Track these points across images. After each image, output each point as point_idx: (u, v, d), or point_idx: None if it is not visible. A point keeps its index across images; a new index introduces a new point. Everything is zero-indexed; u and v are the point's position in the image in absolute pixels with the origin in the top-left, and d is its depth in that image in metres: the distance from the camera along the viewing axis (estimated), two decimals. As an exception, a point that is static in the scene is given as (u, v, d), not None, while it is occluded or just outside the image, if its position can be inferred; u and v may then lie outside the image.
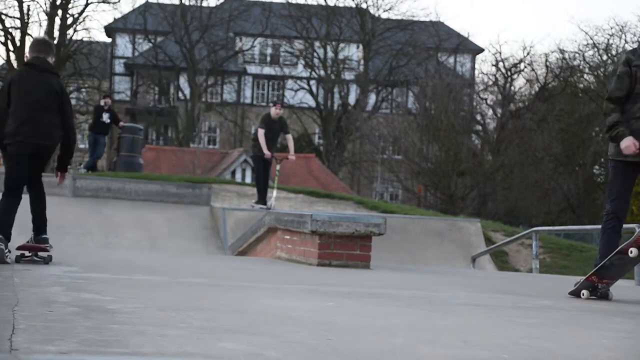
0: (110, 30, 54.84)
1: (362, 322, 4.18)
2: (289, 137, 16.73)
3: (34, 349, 2.78)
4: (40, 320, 3.48)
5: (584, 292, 6.46)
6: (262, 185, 16.79)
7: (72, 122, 7.42)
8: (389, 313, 4.79)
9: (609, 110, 6.52)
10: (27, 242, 7.39)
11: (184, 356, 2.86)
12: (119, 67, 55.39)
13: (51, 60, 7.36)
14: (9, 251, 7.09)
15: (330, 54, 51.39)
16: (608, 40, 43.31)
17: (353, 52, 53.42)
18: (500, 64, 45.11)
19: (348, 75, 52.42)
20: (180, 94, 52.59)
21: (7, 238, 7.12)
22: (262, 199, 16.73)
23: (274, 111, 16.00)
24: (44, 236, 7.35)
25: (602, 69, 43.40)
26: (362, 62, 52.51)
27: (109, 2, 43.36)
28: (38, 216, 7.40)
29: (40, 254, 7.24)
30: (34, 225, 7.40)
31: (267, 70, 55.24)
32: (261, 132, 15.94)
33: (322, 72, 51.80)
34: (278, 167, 16.91)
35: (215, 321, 3.85)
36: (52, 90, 7.19)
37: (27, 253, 7.24)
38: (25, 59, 7.51)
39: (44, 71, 7.24)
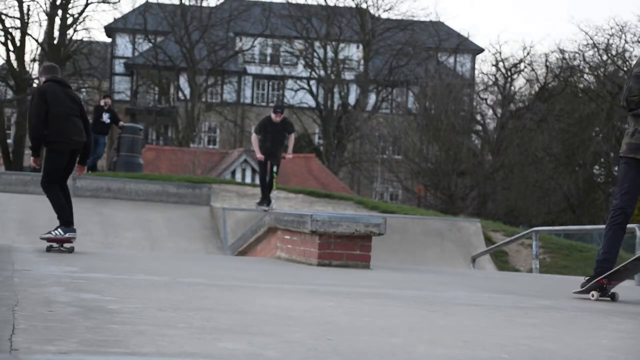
0: (110, 30, 54.85)
1: (362, 322, 4.18)
2: (291, 136, 16.52)
3: (34, 349, 2.77)
4: (40, 320, 3.48)
5: (594, 293, 6.42)
6: (265, 186, 16.83)
7: (89, 124, 9.36)
8: (389, 313, 4.78)
9: (635, 102, 6.51)
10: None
11: (184, 356, 2.86)
12: (119, 67, 55.41)
13: None
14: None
15: (330, 54, 51.40)
16: (608, 40, 43.33)
17: (353, 52, 53.43)
18: (500, 64, 45.15)
19: (348, 75, 52.43)
20: (180, 94, 52.60)
21: (71, 223, 9.04)
22: (265, 199, 16.79)
23: (274, 118, 15.97)
24: (73, 227, 9.06)
25: (602, 69, 43.42)
26: (362, 62, 52.52)
27: (109, 2, 43.36)
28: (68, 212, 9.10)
29: (65, 245, 8.93)
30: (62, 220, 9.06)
31: (267, 70, 55.25)
32: (254, 137, 16.08)
33: (322, 72, 51.81)
34: (275, 167, 16.91)
35: (215, 321, 3.85)
36: (75, 101, 9.23)
37: (54, 245, 8.88)
38: (44, 78, 9.25)
39: (66, 87, 9.33)
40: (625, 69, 43.09)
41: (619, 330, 4.71)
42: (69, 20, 42.40)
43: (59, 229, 8.95)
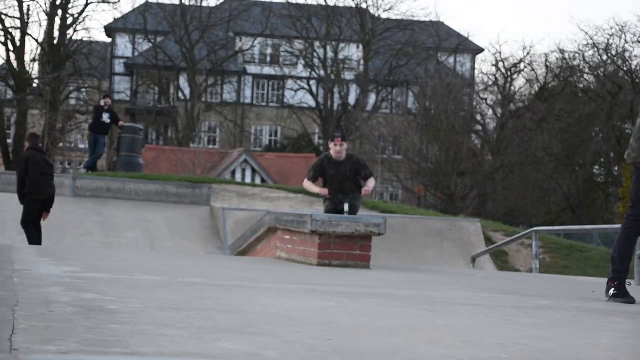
0: (110, 30, 54.86)
1: (362, 322, 4.18)
2: (370, 181, 11.04)
3: (34, 349, 2.77)
4: (40, 320, 3.48)
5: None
6: None
7: (53, 181, 13.36)
8: (389, 313, 4.78)
9: None
10: None
11: (184, 356, 2.86)
12: (119, 67, 55.41)
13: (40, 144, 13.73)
14: None
15: (330, 54, 51.40)
16: (608, 40, 43.34)
17: (353, 52, 53.43)
18: (500, 64, 45.14)
19: (348, 75, 52.42)
20: (180, 94, 52.60)
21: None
22: None
23: (334, 150, 10.81)
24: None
25: (602, 69, 43.42)
26: (362, 62, 52.52)
27: (109, 2, 43.34)
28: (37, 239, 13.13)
29: None
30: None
31: (267, 70, 55.25)
32: (306, 182, 11.20)
33: (322, 72, 51.81)
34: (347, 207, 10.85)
35: (215, 321, 3.85)
36: (49, 164, 13.33)
37: None
38: (28, 145, 13.21)
39: (43, 153, 13.40)
40: (625, 69, 43.11)
41: (619, 330, 4.71)
42: (69, 20, 42.40)
43: None
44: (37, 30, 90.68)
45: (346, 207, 10.59)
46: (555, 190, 39.82)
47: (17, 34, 40.96)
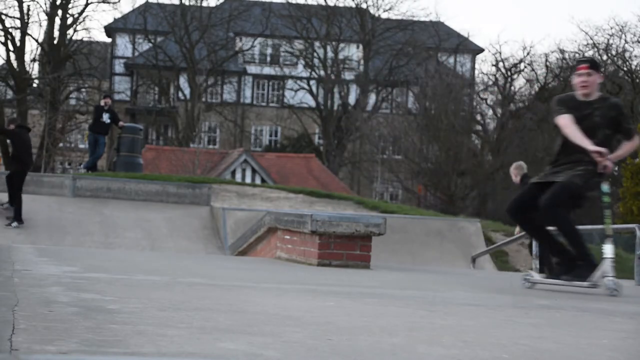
0: (110, 30, 54.87)
1: (362, 322, 4.18)
2: (629, 144, 7.21)
3: (34, 349, 2.77)
4: (40, 320, 3.48)
5: None
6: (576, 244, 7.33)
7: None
8: (389, 313, 4.78)
9: None
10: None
11: (184, 356, 2.86)
12: (119, 67, 55.41)
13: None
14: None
15: (330, 54, 51.41)
16: (608, 40, 43.38)
17: (353, 52, 53.44)
18: (500, 64, 45.18)
19: (348, 75, 52.42)
20: (180, 94, 52.60)
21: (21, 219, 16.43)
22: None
23: (577, 81, 7.09)
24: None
25: (602, 69, 43.39)
26: (362, 62, 52.52)
27: (109, 2, 43.36)
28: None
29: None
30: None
31: (267, 70, 55.26)
32: (564, 119, 7.20)
33: (322, 72, 51.81)
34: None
35: (215, 321, 3.85)
36: (29, 138, 16.70)
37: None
38: (14, 125, 16.66)
39: (29, 131, 16.94)
40: (625, 69, 43.11)
41: (619, 330, 4.70)
42: (69, 20, 42.42)
43: (17, 222, 16.20)
44: (37, 30, 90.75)
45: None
46: (555, 190, 39.79)
47: (17, 34, 40.99)
